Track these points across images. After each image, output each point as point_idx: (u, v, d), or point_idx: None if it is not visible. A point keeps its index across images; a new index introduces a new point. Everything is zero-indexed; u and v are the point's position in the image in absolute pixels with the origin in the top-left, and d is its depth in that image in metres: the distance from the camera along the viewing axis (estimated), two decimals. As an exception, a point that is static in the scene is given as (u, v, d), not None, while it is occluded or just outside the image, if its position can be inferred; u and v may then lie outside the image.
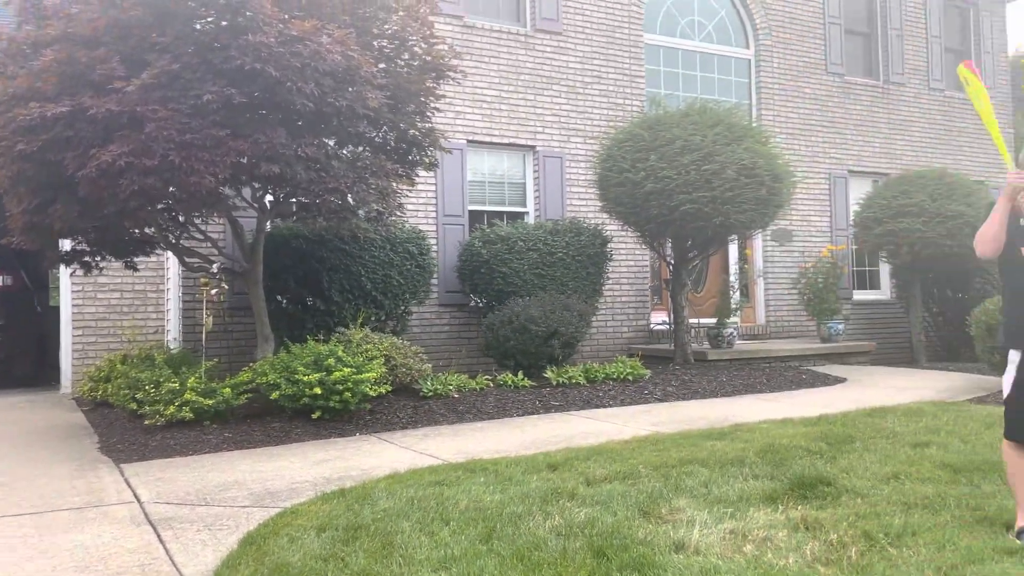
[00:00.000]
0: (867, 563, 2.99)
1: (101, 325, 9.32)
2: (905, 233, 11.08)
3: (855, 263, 13.43)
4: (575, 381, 8.03)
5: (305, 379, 6.08)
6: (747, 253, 12.43)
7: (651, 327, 11.37)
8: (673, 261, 9.92)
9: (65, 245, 7.55)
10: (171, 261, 8.85)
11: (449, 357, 9.83)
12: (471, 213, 10.44)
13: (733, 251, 12.24)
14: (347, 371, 6.14)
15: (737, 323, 11.22)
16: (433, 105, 7.14)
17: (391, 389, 6.81)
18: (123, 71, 5.50)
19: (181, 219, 7.23)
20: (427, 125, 7.16)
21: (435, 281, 9.65)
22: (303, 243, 7.95)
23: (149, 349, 7.81)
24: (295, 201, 7.04)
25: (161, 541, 3.62)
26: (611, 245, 10.08)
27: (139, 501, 4.30)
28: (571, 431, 6.01)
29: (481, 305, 9.64)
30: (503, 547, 3.20)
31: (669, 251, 10.07)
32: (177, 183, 5.68)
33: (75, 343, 9.23)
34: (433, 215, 10.10)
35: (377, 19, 6.68)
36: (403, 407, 6.86)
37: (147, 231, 7.20)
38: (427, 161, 7.44)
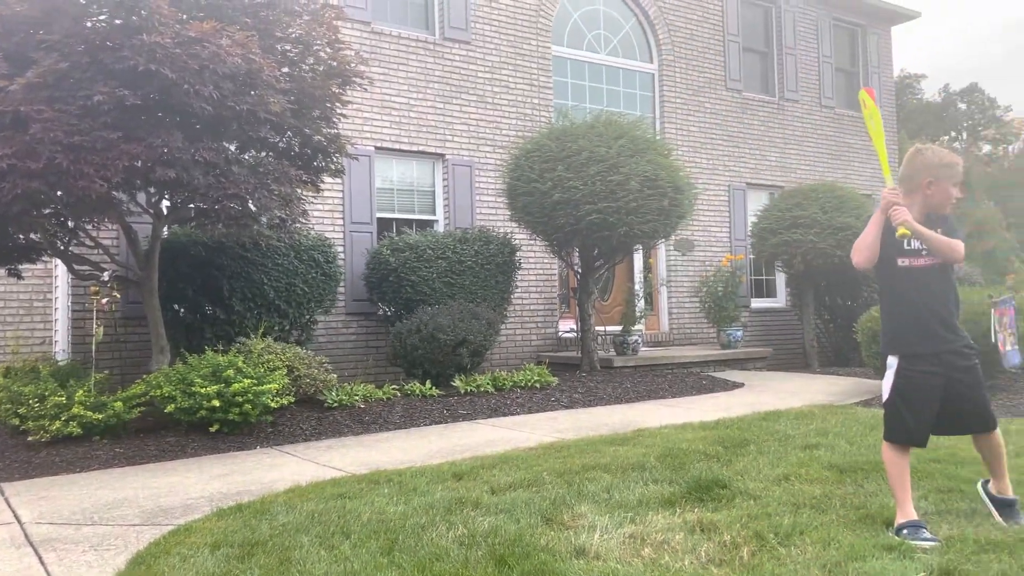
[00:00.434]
0: (757, 563, 3.10)
1: (-19, 336, 8.78)
2: (798, 244, 11.58)
3: (753, 272, 13.96)
4: (483, 389, 8.05)
5: (203, 391, 5.88)
6: (651, 262, 12.76)
7: (559, 335, 11.51)
8: (580, 270, 10.08)
9: (-58, 251, 7.09)
10: (60, 269, 8.42)
11: (356, 367, 9.70)
12: (380, 220, 10.34)
13: (638, 260, 12.53)
14: (247, 382, 5.97)
15: (642, 330, 11.49)
16: (339, 111, 7.04)
17: (294, 400, 6.66)
18: (6, 69, 5.24)
19: (70, 225, 6.90)
20: (333, 131, 7.06)
21: (342, 289, 9.52)
22: (202, 250, 7.70)
23: (35, 361, 7.41)
24: (193, 207, 6.82)
25: (43, 564, 3.42)
26: (520, 254, 10.16)
27: (19, 522, 4.07)
28: (478, 440, 6.01)
29: (389, 314, 9.56)
30: (405, 559, 3.18)
31: (577, 260, 10.22)
32: (65, 187, 5.42)
33: (-48, 355, 8.66)
34: (340, 222, 9.96)
35: (281, 22, 6.55)
36: (307, 419, 6.72)
37: (33, 237, 6.84)
38: (333, 167, 7.33)
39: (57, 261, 8.02)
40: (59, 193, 5.64)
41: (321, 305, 8.51)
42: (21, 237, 6.74)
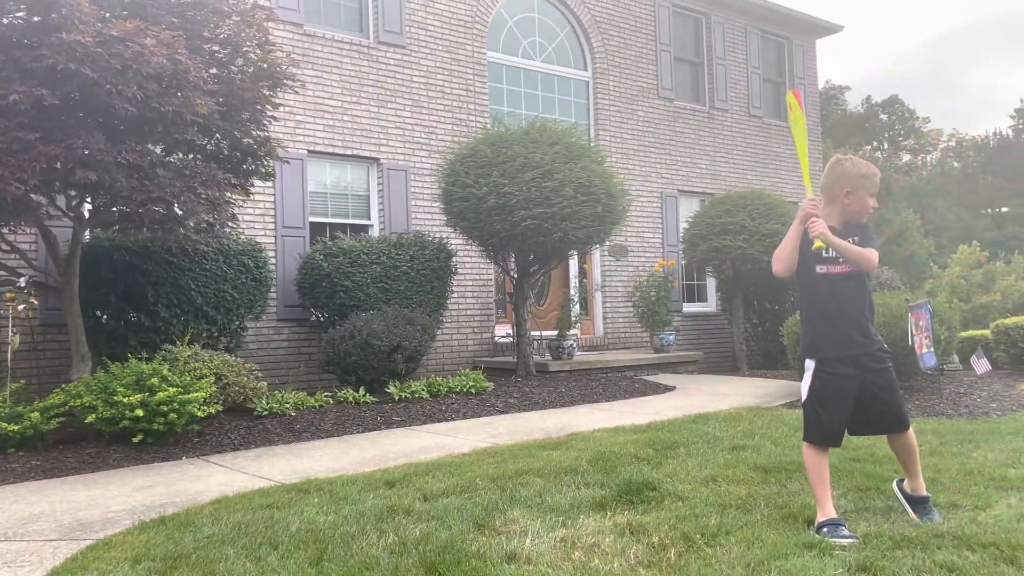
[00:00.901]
0: (684, 563, 3.16)
1: None
2: (728, 250, 11.86)
3: (685, 277, 14.24)
4: (418, 396, 8.00)
5: (126, 400, 5.70)
6: (586, 268, 12.89)
7: (496, 340, 11.53)
8: (516, 275, 10.12)
9: None
10: (-27, 274, 8.06)
11: (288, 374, 9.54)
12: (313, 225, 10.20)
13: (573, 265, 12.65)
14: (173, 391, 5.81)
15: (577, 335, 11.60)
16: (270, 113, 6.93)
17: (223, 409, 6.51)
18: (-88, 65, 5.00)
19: (-16, 228, 6.61)
20: (263, 134, 6.94)
21: (274, 295, 9.35)
22: (126, 255, 7.46)
23: (-55, 371, 7.06)
24: (117, 210, 6.61)
25: (-51, 585, 3.27)
26: (456, 259, 10.15)
27: (-75, 541, 3.87)
28: (412, 446, 5.98)
29: (322, 320, 9.43)
30: (333, 569, 3.14)
31: (513, 265, 10.26)
32: (-23, 189, 5.19)
33: None
34: (272, 227, 9.78)
35: (209, 23, 6.43)
36: (235, 427, 6.58)
37: (-57, 241, 6.54)
38: (263, 171, 7.21)
39: (-30, 266, 7.66)
40: (-29, 196, 5.39)
41: (251, 311, 8.34)
42: (-70, 241, 6.44)
